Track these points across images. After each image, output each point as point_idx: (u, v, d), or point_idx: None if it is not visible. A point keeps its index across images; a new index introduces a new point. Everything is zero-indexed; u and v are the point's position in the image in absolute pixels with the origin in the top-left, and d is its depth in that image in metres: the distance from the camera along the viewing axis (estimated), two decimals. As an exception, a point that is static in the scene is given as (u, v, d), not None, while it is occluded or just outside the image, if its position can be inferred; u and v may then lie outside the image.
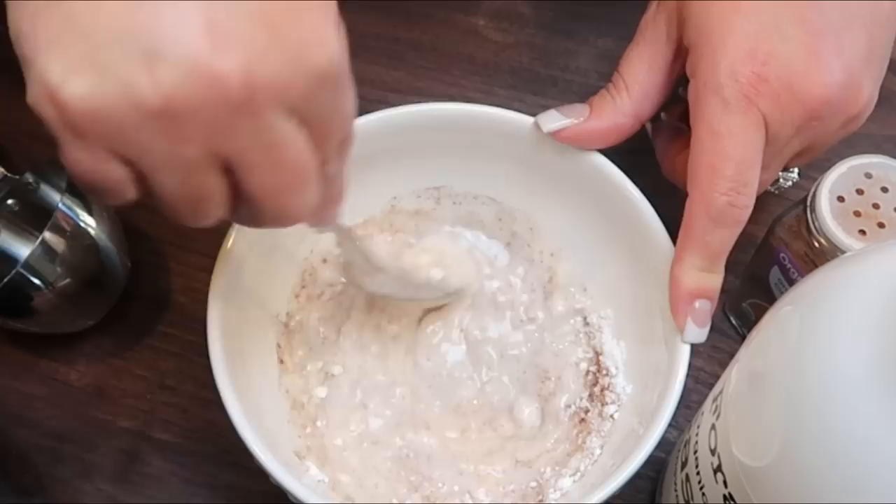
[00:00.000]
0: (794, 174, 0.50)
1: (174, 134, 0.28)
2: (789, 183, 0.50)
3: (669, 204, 0.42)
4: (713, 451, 0.33)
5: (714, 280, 0.41)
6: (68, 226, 0.45)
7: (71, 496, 0.46)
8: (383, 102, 0.45)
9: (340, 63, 0.30)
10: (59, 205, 0.45)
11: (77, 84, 0.28)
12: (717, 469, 0.32)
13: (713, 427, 0.33)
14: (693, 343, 0.40)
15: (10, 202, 0.49)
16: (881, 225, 0.40)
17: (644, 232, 0.43)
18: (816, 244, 0.41)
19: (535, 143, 0.44)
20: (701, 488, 0.35)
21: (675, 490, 0.39)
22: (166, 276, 0.51)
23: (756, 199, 0.40)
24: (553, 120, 0.43)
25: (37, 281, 0.44)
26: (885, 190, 0.41)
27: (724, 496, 0.32)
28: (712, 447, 0.33)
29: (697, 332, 0.40)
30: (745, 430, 0.31)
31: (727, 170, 0.39)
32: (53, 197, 0.47)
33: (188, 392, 0.48)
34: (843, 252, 0.40)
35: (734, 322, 0.50)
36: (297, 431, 0.44)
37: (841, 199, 0.41)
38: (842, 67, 0.39)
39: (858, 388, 0.26)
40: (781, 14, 0.39)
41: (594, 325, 0.47)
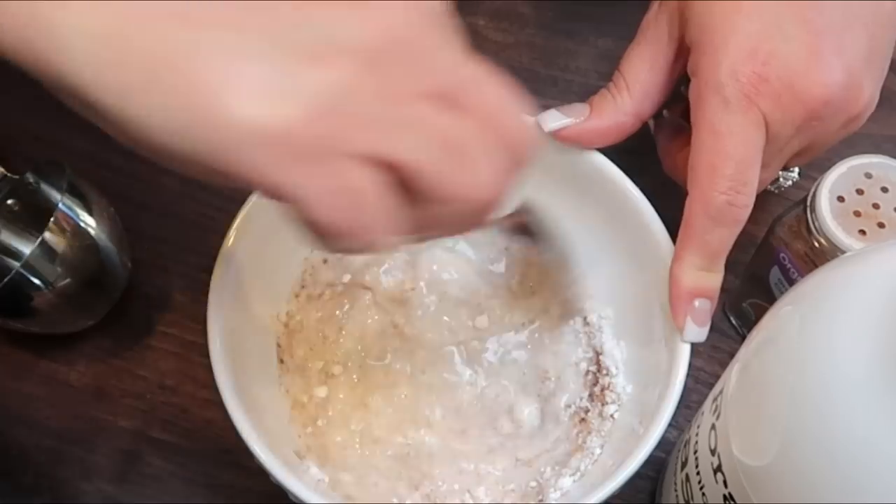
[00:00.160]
0: (794, 174, 0.50)
1: (387, 89, 0.25)
2: (789, 182, 0.50)
3: (669, 204, 0.42)
4: (713, 451, 0.33)
5: (713, 279, 0.41)
6: (68, 226, 0.45)
7: (71, 496, 0.46)
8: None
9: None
10: (59, 205, 0.45)
11: (286, 103, 0.24)
12: (717, 469, 0.32)
13: (713, 427, 0.33)
14: (693, 342, 0.40)
15: (10, 202, 0.49)
16: (881, 225, 0.40)
17: (644, 232, 0.43)
18: (816, 244, 0.41)
19: (534, 143, 0.44)
20: (701, 488, 0.35)
21: (675, 490, 0.39)
22: (166, 276, 0.51)
23: (756, 199, 0.40)
24: (554, 119, 0.43)
25: (37, 281, 0.44)
26: (885, 190, 0.41)
27: (724, 496, 0.32)
28: (712, 447, 0.33)
29: (697, 332, 0.40)
30: (745, 430, 0.31)
31: (727, 169, 0.39)
32: (53, 197, 0.47)
33: (188, 392, 0.48)
34: (843, 252, 0.40)
35: (734, 322, 0.50)
36: (297, 431, 0.44)
37: (841, 199, 0.41)
38: (843, 67, 0.39)
39: (858, 388, 0.26)
40: (783, 14, 0.39)
41: (594, 325, 0.47)
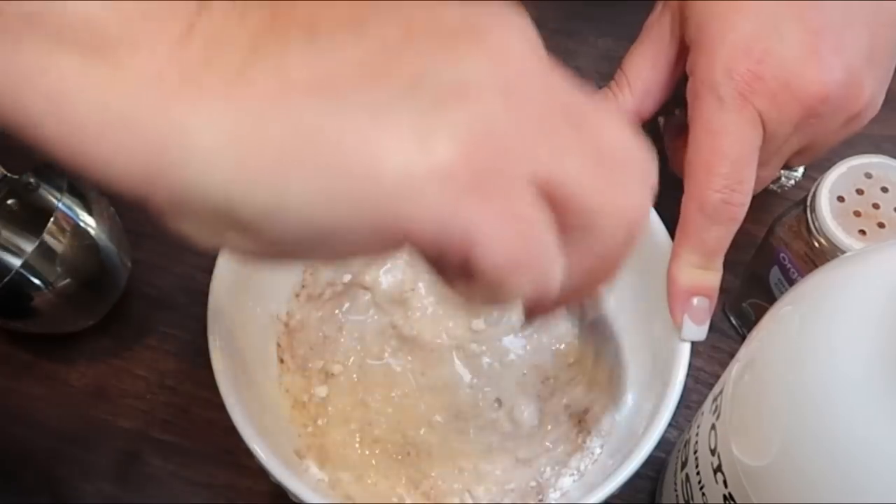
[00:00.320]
0: (797, 173, 0.49)
1: (532, 113, 0.24)
2: (792, 182, 0.49)
3: (669, 204, 0.42)
4: (713, 451, 0.33)
5: (711, 277, 0.41)
6: (68, 226, 0.45)
7: (71, 496, 0.46)
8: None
9: None
10: (59, 205, 0.45)
11: (440, 141, 0.22)
12: (717, 469, 0.32)
13: (713, 427, 0.33)
14: (692, 341, 0.40)
15: (10, 202, 0.49)
16: (881, 225, 0.40)
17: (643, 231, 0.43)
18: (816, 244, 0.41)
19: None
20: (701, 488, 0.35)
21: (675, 490, 0.39)
22: (166, 276, 0.51)
23: (756, 199, 0.40)
24: None
25: (37, 281, 0.44)
26: (885, 190, 0.41)
27: (724, 496, 0.32)
28: (712, 447, 0.33)
29: (696, 330, 0.40)
30: (745, 430, 0.31)
31: (722, 167, 0.39)
32: (53, 197, 0.47)
33: (188, 392, 0.48)
34: (843, 252, 0.40)
35: (734, 322, 0.50)
36: (297, 430, 0.44)
37: (841, 199, 0.41)
38: (841, 65, 0.39)
39: (858, 388, 0.26)
40: (781, 13, 0.39)
41: (594, 325, 0.47)
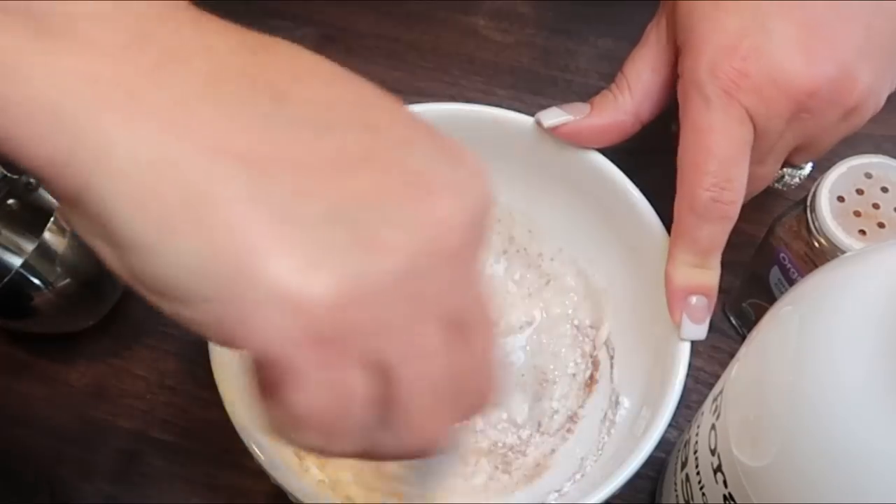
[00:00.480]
0: (803, 171, 0.49)
1: (420, 299, 0.24)
2: (797, 180, 0.49)
3: (669, 204, 0.42)
4: (713, 451, 0.33)
5: (707, 276, 0.41)
6: (68, 226, 0.45)
7: (71, 496, 0.46)
8: (383, 102, 0.45)
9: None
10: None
11: (322, 278, 0.22)
12: (717, 469, 0.32)
13: (713, 427, 0.33)
14: (692, 340, 0.40)
15: (10, 202, 0.49)
16: (881, 225, 0.40)
17: (643, 232, 0.43)
18: (816, 244, 0.41)
19: (535, 143, 0.44)
20: (701, 488, 0.35)
21: (675, 490, 0.39)
22: (166, 276, 0.51)
23: (756, 199, 0.40)
24: (553, 116, 0.43)
25: (37, 281, 0.44)
26: (885, 190, 0.41)
27: (724, 496, 0.32)
28: (712, 447, 0.33)
29: (695, 329, 0.40)
30: (745, 430, 0.31)
31: (710, 166, 0.39)
32: (54, 197, 0.47)
33: (188, 392, 0.48)
34: (843, 252, 0.40)
35: (734, 322, 0.50)
36: (297, 431, 0.44)
37: (841, 199, 0.41)
38: (832, 59, 0.39)
39: (858, 388, 0.26)
40: (769, 10, 0.39)
41: (593, 326, 0.47)
